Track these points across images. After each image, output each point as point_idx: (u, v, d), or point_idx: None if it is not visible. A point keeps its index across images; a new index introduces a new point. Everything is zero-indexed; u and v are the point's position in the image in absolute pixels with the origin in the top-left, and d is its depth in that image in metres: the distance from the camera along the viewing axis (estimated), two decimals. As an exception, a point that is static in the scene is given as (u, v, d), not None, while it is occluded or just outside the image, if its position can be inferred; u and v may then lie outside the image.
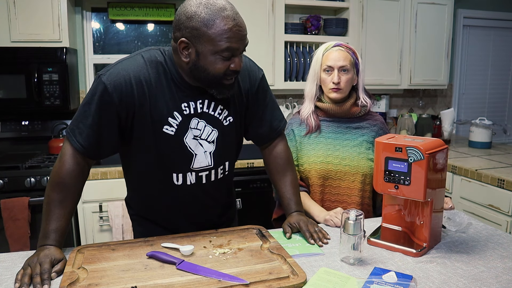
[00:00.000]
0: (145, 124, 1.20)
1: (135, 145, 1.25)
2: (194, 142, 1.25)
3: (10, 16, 2.49)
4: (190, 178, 1.29)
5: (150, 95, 1.18)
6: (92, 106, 1.15)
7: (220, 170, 1.34)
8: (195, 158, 1.27)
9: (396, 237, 1.29)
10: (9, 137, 2.81)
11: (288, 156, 1.45)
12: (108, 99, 1.15)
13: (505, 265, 1.13)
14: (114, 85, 1.14)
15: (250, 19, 2.86)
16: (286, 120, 1.46)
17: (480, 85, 4.05)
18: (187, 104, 1.22)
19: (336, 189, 1.61)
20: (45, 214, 1.16)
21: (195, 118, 1.24)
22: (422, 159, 1.15)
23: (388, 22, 3.20)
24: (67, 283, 0.97)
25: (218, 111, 1.27)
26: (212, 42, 1.10)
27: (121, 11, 2.94)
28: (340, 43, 1.61)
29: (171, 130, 1.22)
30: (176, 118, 1.22)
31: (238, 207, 2.66)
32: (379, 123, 1.68)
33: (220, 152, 1.30)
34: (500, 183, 2.29)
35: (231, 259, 1.12)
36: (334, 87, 1.57)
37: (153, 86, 1.18)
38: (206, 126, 1.26)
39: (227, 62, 1.14)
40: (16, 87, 2.55)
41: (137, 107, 1.18)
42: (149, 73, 1.18)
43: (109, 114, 1.16)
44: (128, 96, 1.16)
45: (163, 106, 1.20)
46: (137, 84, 1.16)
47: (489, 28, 3.97)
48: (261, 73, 1.39)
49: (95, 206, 2.48)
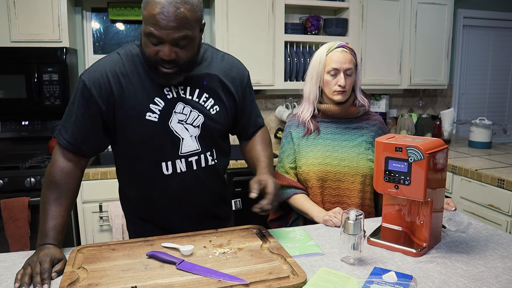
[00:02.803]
0: (128, 114, 1.23)
1: (122, 137, 1.28)
2: (180, 126, 1.28)
3: (10, 16, 2.49)
4: (180, 166, 1.30)
5: (128, 86, 1.23)
6: (75, 104, 1.22)
7: (209, 156, 1.35)
8: (182, 142, 1.28)
9: (396, 237, 1.29)
10: (9, 137, 2.81)
11: (265, 139, 1.48)
12: (88, 94, 1.21)
13: (505, 265, 1.13)
14: (92, 81, 1.21)
15: (250, 19, 2.87)
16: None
17: (480, 85, 4.05)
18: (169, 89, 1.26)
19: (335, 190, 1.60)
20: (42, 213, 1.18)
21: (181, 103, 1.27)
22: (422, 159, 1.15)
23: (388, 22, 3.20)
24: (67, 283, 0.97)
25: (203, 99, 1.30)
26: (144, 23, 1.15)
27: (121, 11, 2.94)
28: (344, 44, 1.59)
29: (154, 116, 1.24)
30: (158, 104, 1.25)
31: (238, 207, 2.66)
32: (378, 123, 1.67)
33: (205, 135, 1.32)
34: (500, 183, 2.29)
35: (231, 259, 1.12)
36: (340, 90, 1.56)
37: (129, 77, 1.23)
38: (192, 111, 1.29)
39: (155, 48, 1.15)
40: (16, 87, 2.55)
41: (116, 99, 1.22)
42: (124, 66, 1.24)
43: (91, 108, 1.22)
44: (106, 89, 1.21)
45: (143, 95, 1.23)
46: (113, 77, 1.22)
47: (489, 28, 3.98)
48: (247, 71, 1.44)
49: (95, 206, 2.48)
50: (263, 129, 1.52)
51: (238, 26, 2.86)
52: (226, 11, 2.82)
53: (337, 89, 1.56)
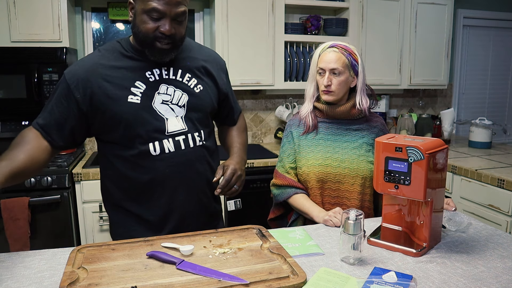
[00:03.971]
0: (110, 99, 1.27)
1: (107, 126, 1.30)
2: (164, 107, 1.32)
3: (10, 16, 2.49)
4: (168, 146, 1.32)
5: (108, 74, 1.28)
6: (53, 96, 1.29)
7: (197, 137, 1.37)
8: (167, 122, 1.31)
9: (396, 237, 1.29)
10: (9, 137, 2.80)
11: (241, 126, 1.61)
12: (65, 86, 1.27)
13: (505, 265, 1.13)
14: (71, 74, 1.28)
15: (250, 19, 2.87)
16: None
17: (480, 85, 4.05)
18: (151, 72, 1.31)
19: (335, 191, 1.59)
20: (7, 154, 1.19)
21: (164, 84, 1.32)
22: (422, 159, 1.15)
23: (388, 22, 3.21)
24: (67, 283, 0.97)
25: (186, 78, 1.36)
26: (142, 1, 1.20)
27: (121, 11, 2.94)
28: (336, 44, 1.57)
29: (136, 98, 1.28)
30: (139, 87, 1.29)
31: (238, 207, 2.66)
32: (379, 125, 1.67)
33: (191, 115, 1.36)
34: (500, 183, 2.29)
35: (231, 259, 1.12)
36: (325, 90, 1.57)
37: (108, 67, 1.29)
38: (176, 90, 1.34)
39: (156, 23, 1.22)
40: (16, 87, 2.55)
41: (95, 88, 1.27)
42: (104, 58, 1.31)
43: (67, 98, 1.27)
44: (84, 80, 1.27)
45: (124, 80, 1.28)
46: (92, 68, 1.28)
47: (489, 28, 3.98)
48: (223, 60, 1.54)
49: (95, 206, 2.48)
50: (242, 115, 1.65)
51: (238, 26, 2.86)
52: (226, 11, 2.82)
53: (322, 88, 1.57)
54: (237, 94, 1.70)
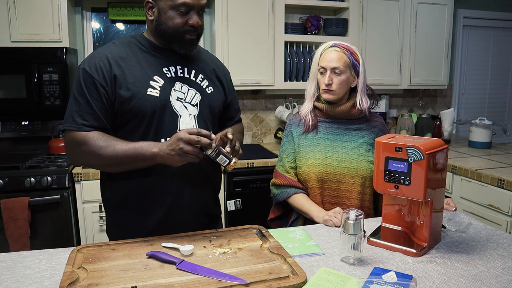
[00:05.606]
0: (130, 91, 1.28)
1: (125, 116, 1.30)
2: (179, 103, 1.34)
3: (10, 16, 2.49)
4: None
5: (127, 67, 1.30)
6: (84, 92, 1.27)
7: None
8: (180, 119, 1.33)
9: (396, 237, 1.29)
10: (9, 137, 2.81)
11: (239, 128, 1.60)
12: (90, 78, 1.27)
13: (505, 265, 1.13)
14: (91, 65, 1.28)
15: (250, 19, 2.87)
16: None
17: (480, 85, 4.05)
18: (167, 69, 1.35)
19: (335, 191, 1.59)
20: (114, 146, 1.24)
21: (179, 82, 1.35)
22: (422, 159, 1.15)
23: (388, 22, 3.21)
24: (67, 283, 0.97)
25: (200, 78, 1.40)
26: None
27: (121, 11, 2.94)
28: (337, 43, 1.58)
29: (156, 92, 1.31)
30: (157, 81, 1.32)
31: (238, 207, 2.66)
32: (379, 125, 1.67)
33: (203, 115, 1.38)
34: (500, 183, 2.29)
35: (231, 259, 1.12)
36: (325, 88, 1.57)
37: (127, 60, 1.31)
38: (190, 89, 1.37)
39: (184, 17, 1.28)
40: (16, 87, 2.55)
41: (117, 78, 1.28)
42: (121, 51, 1.32)
43: (98, 91, 1.27)
44: (107, 71, 1.27)
45: (142, 74, 1.30)
46: (113, 58, 1.29)
47: (489, 28, 3.98)
48: (227, 69, 1.58)
49: (95, 206, 2.48)
50: (241, 121, 1.66)
51: (238, 26, 2.86)
52: (226, 11, 2.82)
53: (323, 87, 1.57)
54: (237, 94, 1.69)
